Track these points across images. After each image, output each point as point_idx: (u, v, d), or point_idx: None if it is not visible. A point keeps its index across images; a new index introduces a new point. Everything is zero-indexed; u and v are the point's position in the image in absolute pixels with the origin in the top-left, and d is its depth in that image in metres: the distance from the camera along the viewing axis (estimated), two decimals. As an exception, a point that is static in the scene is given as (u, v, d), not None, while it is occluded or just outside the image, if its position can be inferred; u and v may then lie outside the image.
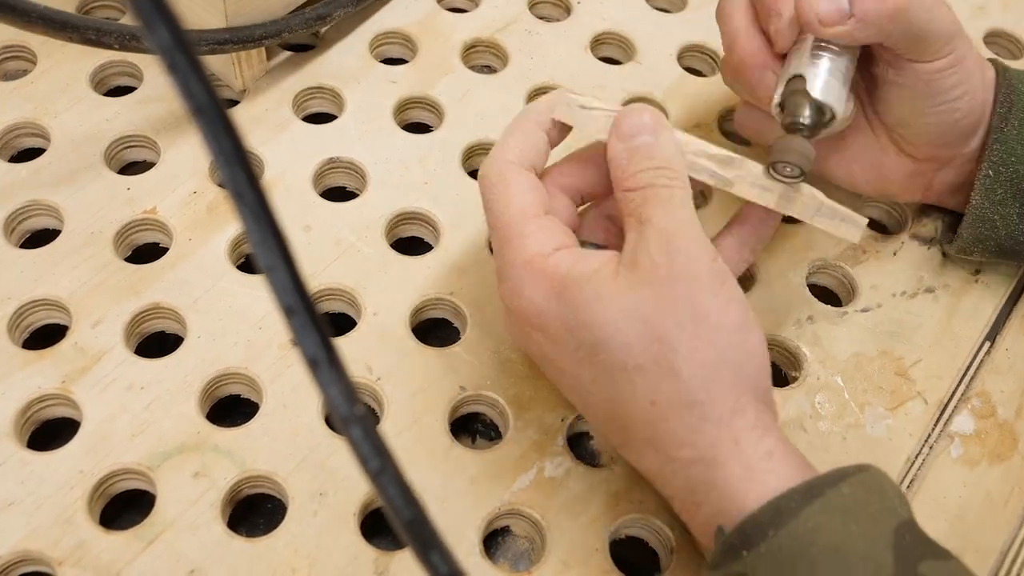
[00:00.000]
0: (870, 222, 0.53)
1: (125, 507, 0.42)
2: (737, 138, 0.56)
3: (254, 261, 0.21)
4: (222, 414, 0.45)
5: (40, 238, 0.49)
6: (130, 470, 0.42)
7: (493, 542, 0.44)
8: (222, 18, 0.51)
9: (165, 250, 0.49)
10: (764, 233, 0.43)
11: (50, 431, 0.44)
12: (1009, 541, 0.44)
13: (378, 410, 0.46)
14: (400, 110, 0.57)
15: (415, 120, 0.58)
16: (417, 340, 0.47)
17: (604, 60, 0.61)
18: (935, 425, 0.47)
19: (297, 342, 0.22)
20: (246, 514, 0.44)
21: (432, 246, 0.51)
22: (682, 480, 0.37)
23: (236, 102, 0.55)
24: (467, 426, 0.48)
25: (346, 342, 0.47)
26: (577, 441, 0.46)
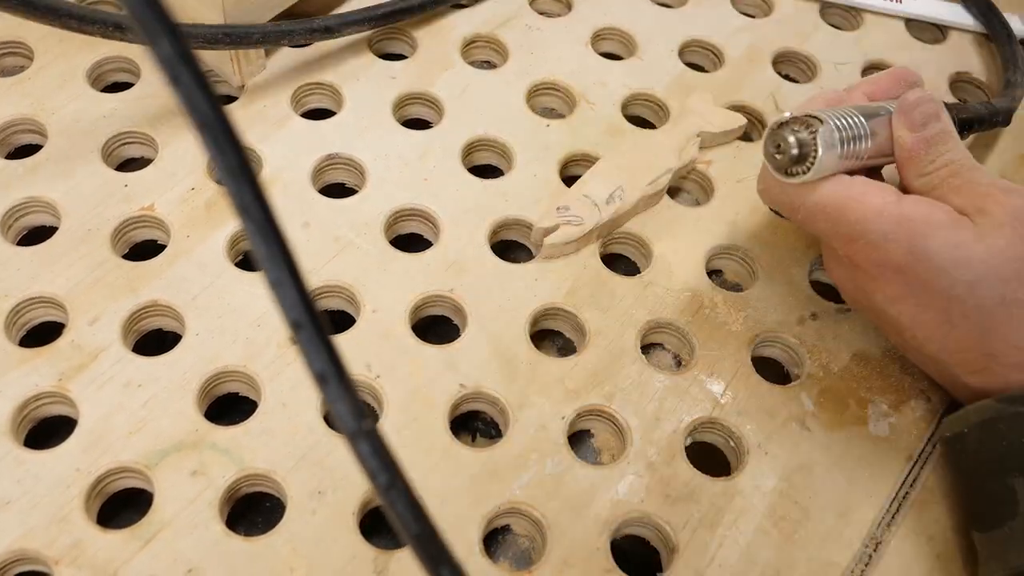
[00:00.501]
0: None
1: (122, 506, 0.41)
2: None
3: (255, 262, 0.21)
4: (220, 412, 0.45)
5: (37, 235, 0.49)
6: (127, 468, 0.42)
7: (493, 541, 0.43)
8: (219, 13, 0.51)
9: (163, 247, 0.49)
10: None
11: (47, 429, 0.44)
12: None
13: (377, 408, 0.45)
14: (400, 106, 0.56)
15: (415, 116, 0.57)
16: (417, 337, 0.47)
17: (605, 56, 0.60)
18: (938, 423, 0.47)
19: (305, 358, 0.22)
20: (244, 513, 0.44)
21: (432, 243, 0.51)
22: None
23: (234, 98, 0.55)
24: (467, 424, 0.48)
25: (345, 340, 0.46)
26: (578, 439, 0.46)
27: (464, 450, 0.44)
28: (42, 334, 0.46)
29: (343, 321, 0.48)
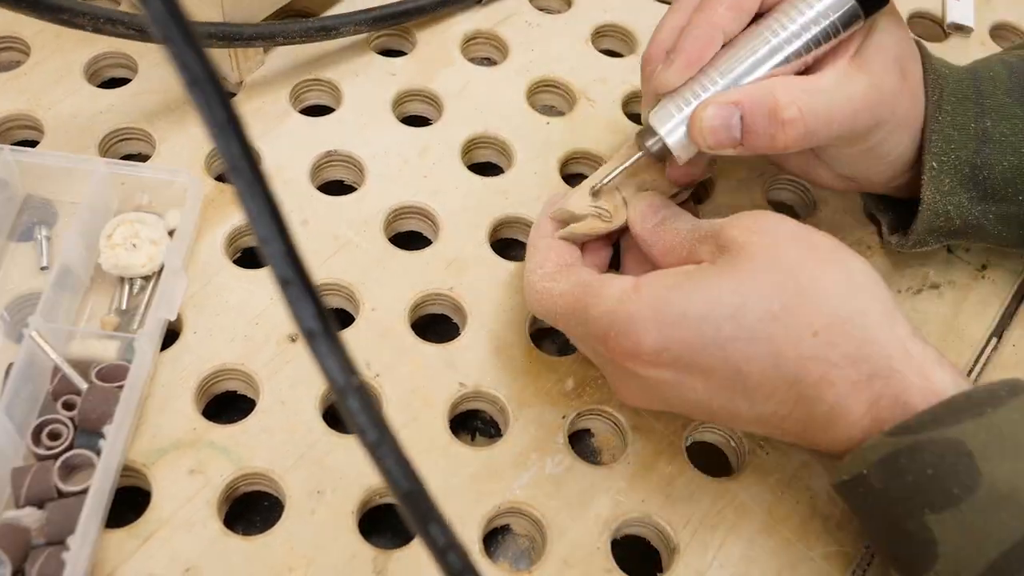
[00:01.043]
0: (872, 219, 0.53)
1: (120, 504, 0.41)
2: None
3: (254, 241, 0.21)
4: (218, 411, 0.45)
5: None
6: (126, 467, 0.42)
7: (493, 541, 0.43)
8: (218, 10, 0.50)
9: (161, 244, 0.48)
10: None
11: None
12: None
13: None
14: (399, 103, 0.56)
15: (414, 113, 0.57)
16: (416, 336, 0.47)
17: (605, 52, 0.60)
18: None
19: (293, 313, 0.22)
20: (243, 512, 0.43)
21: (431, 241, 0.51)
22: (865, 405, 0.37)
23: (232, 94, 0.55)
24: (466, 423, 0.48)
25: (344, 338, 0.46)
26: (578, 438, 0.46)
27: (464, 449, 0.43)
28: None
29: (342, 319, 0.47)
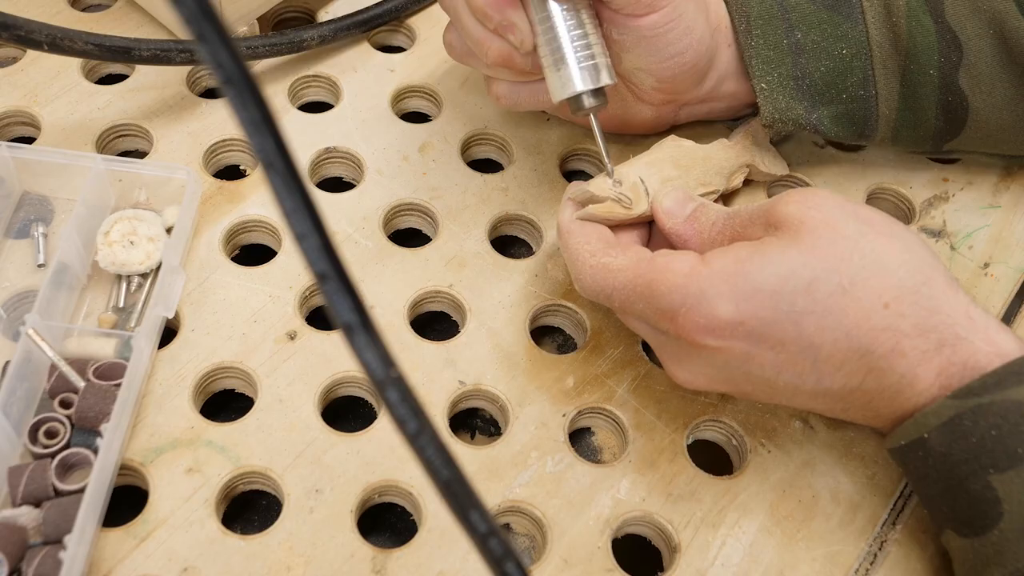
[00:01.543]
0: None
1: (117, 503, 0.41)
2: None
3: (286, 226, 0.22)
4: (216, 409, 0.45)
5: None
6: (123, 465, 0.41)
7: (493, 540, 0.43)
8: (216, 7, 0.50)
9: (158, 241, 0.48)
10: None
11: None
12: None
13: (375, 407, 0.45)
14: (398, 99, 0.56)
15: (413, 109, 0.57)
16: (415, 334, 0.46)
17: (606, 49, 0.60)
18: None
19: (331, 307, 0.23)
20: (241, 511, 0.43)
21: (431, 238, 0.50)
22: (933, 373, 0.38)
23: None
24: (466, 422, 0.47)
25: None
26: (579, 437, 0.46)
27: (464, 448, 0.43)
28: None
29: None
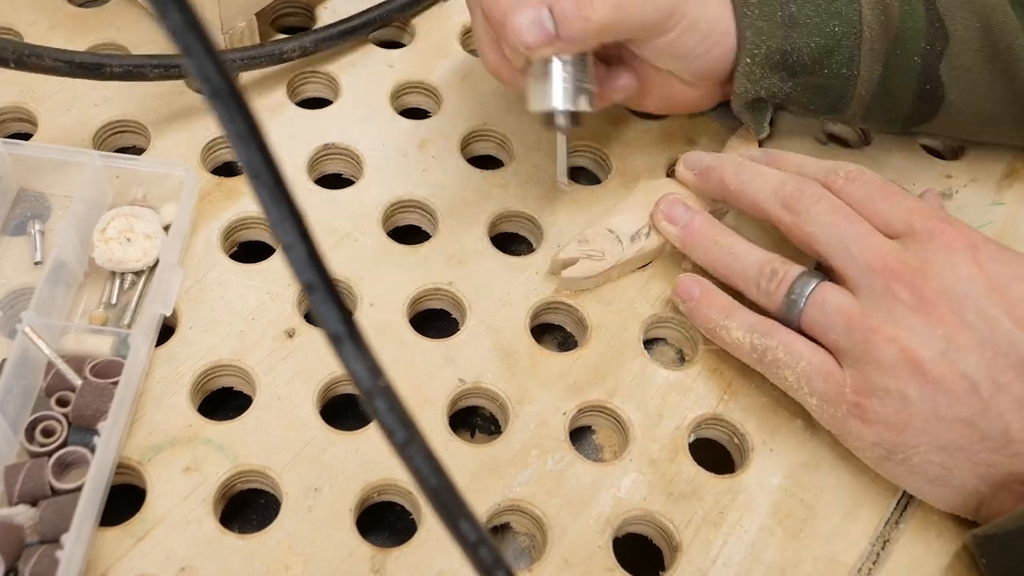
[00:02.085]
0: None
1: (114, 502, 0.41)
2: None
3: (273, 237, 0.22)
4: (214, 407, 0.44)
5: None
6: (120, 464, 0.41)
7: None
8: (215, 4, 0.50)
9: (156, 238, 0.48)
10: None
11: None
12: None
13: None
14: (397, 95, 0.55)
15: (413, 105, 0.57)
16: (415, 331, 0.46)
17: (606, 44, 0.59)
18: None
19: (318, 317, 0.23)
20: (239, 510, 0.43)
21: (430, 235, 0.50)
22: None
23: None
24: (466, 420, 0.47)
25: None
26: (579, 435, 0.45)
27: (463, 446, 0.43)
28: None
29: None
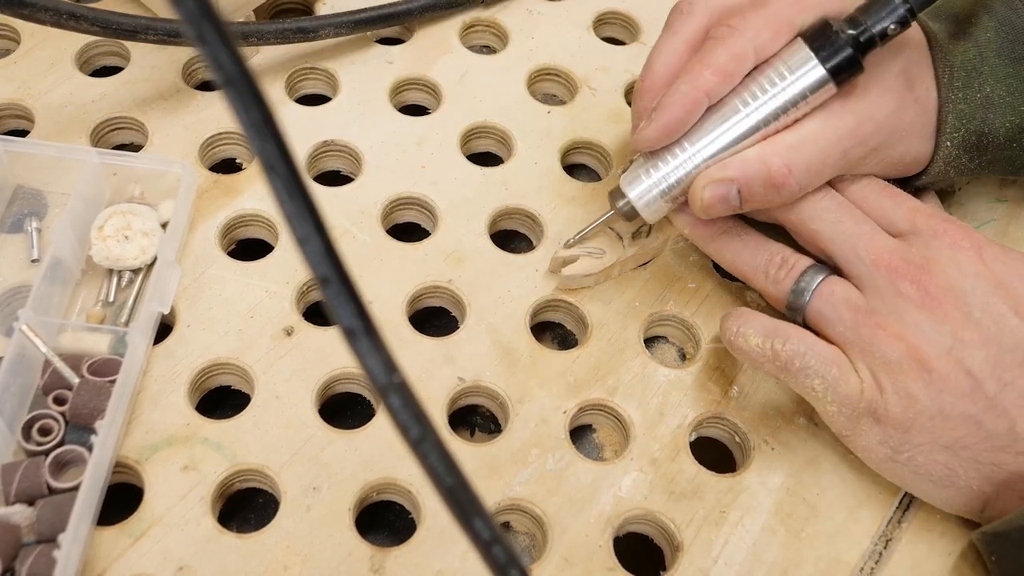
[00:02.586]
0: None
1: (112, 501, 0.40)
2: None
3: (288, 230, 0.21)
4: (212, 406, 0.44)
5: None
6: (118, 463, 0.41)
7: (493, 538, 0.42)
8: (213, 1, 0.49)
9: (153, 236, 0.48)
10: None
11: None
12: None
13: (373, 404, 0.44)
14: (396, 91, 0.55)
15: (412, 102, 0.56)
16: (414, 329, 0.46)
17: (607, 40, 0.59)
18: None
19: (333, 312, 0.22)
20: (237, 509, 0.43)
21: (430, 232, 0.50)
22: None
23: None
24: (466, 419, 0.47)
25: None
26: (579, 434, 0.45)
27: (463, 445, 0.43)
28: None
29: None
